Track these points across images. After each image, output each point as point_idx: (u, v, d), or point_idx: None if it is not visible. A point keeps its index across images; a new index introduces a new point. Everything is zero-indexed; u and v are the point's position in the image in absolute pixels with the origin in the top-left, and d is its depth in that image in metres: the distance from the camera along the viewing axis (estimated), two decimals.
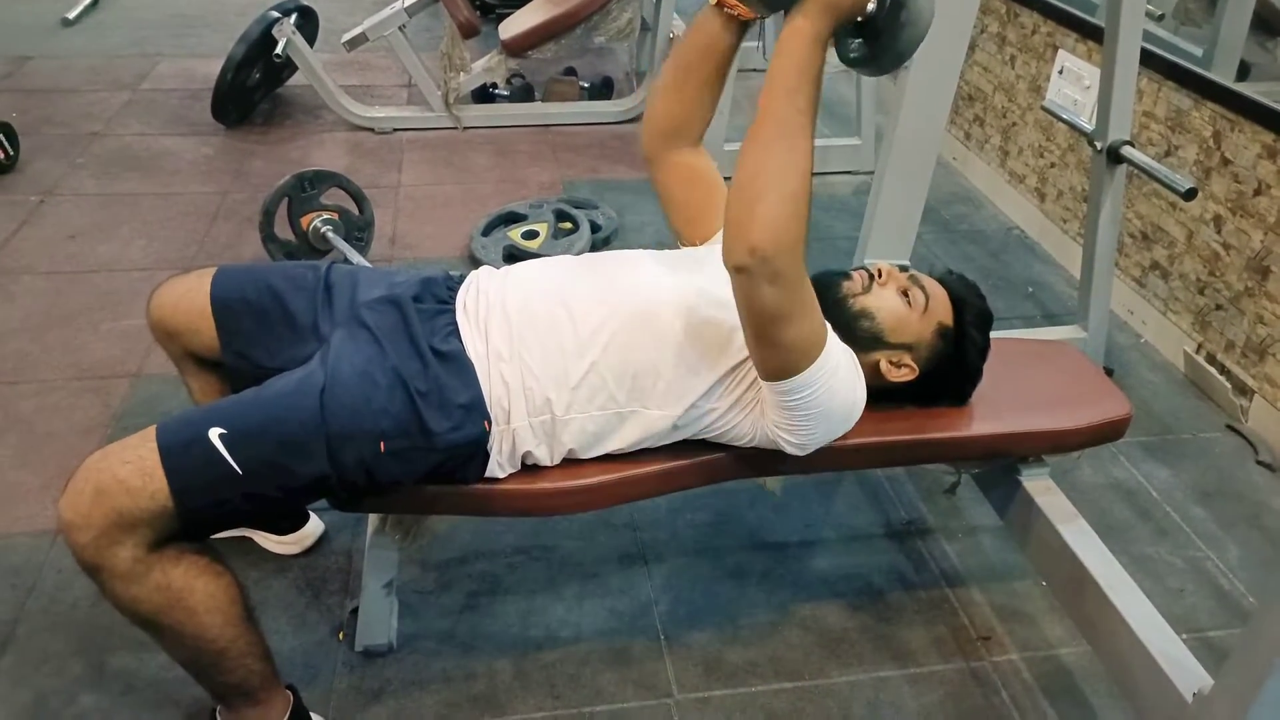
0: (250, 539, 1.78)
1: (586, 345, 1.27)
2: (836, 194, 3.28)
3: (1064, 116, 2.19)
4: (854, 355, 1.31)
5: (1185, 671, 1.32)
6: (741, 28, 1.33)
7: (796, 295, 1.13)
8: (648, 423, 1.31)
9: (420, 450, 1.22)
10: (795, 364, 1.19)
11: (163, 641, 1.23)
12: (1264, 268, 2.19)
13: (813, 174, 1.12)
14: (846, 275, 1.41)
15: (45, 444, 2.02)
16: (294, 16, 3.44)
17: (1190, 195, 1.91)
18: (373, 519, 1.51)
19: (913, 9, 1.14)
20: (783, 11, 1.16)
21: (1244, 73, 2.62)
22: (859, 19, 1.16)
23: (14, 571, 1.72)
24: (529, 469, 1.34)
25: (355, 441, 1.20)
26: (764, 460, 1.38)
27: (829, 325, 1.24)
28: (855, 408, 1.30)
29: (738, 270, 1.10)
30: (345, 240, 2.63)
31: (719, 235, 1.44)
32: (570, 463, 1.35)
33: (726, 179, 1.43)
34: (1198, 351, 2.39)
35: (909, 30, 1.15)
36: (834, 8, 1.10)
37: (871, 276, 1.41)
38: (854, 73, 3.70)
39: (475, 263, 2.73)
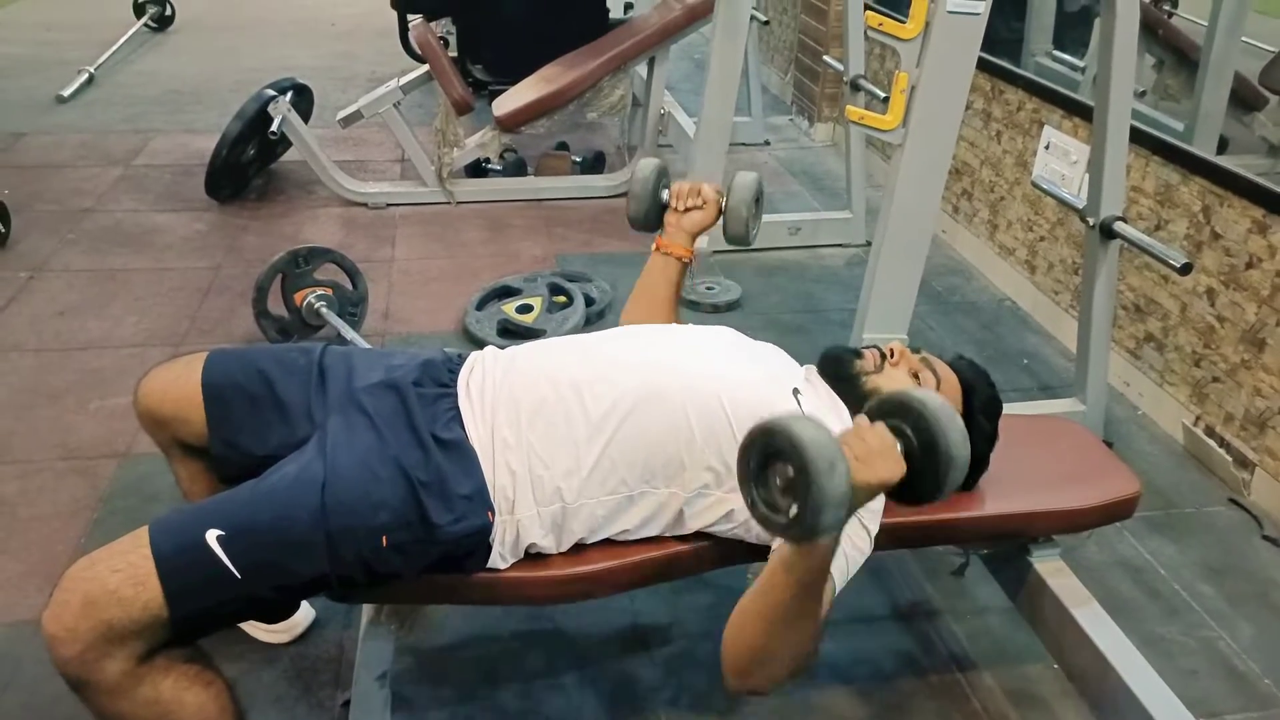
0: (239, 628, 1.72)
1: (598, 430, 1.25)
2: (829, 266, 3.29)
3: (1054, 192, 2.22)
4: (857, 523, 1.27)
5: None
6: (684, 264, 1.63)
7: (799, 657, 1.15)
8: (657, 503, 1.28)
9: (422, 543, 1.19)
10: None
11: None
12: (1260, 340, 2.20)
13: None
14: (859, 353, 1.41)
15: (28, 528, 1.97)
16: (289, 94, 3.48)
17: (1186, 270, 1.92)
18: (368, 608, 1.46)
19: (942, 476, 1.06)
20: None
21: (1222, 147, 2.68)
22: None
23: None
24: (531, 557, 1.30)
25: (356, 537, 1.16)
26: (767, 550, 1.35)
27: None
28: (851, 573, 1.27)
29: (731, 689, 1.16)
30: (339, 315, 2.62)
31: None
32: (573, 550, 1.31)
33: (719, 252, 1.45)
34: (1196, 424, 2.39)
35: (939, 495, 1.09)
36: (854, 511, 1.04)
37: (884, 356, 1.40)
38: (843, 145, 3.75)
39: (470, 336, 2.72)
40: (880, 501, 1.25)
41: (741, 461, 1.02)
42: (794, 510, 0.96)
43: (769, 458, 0.99)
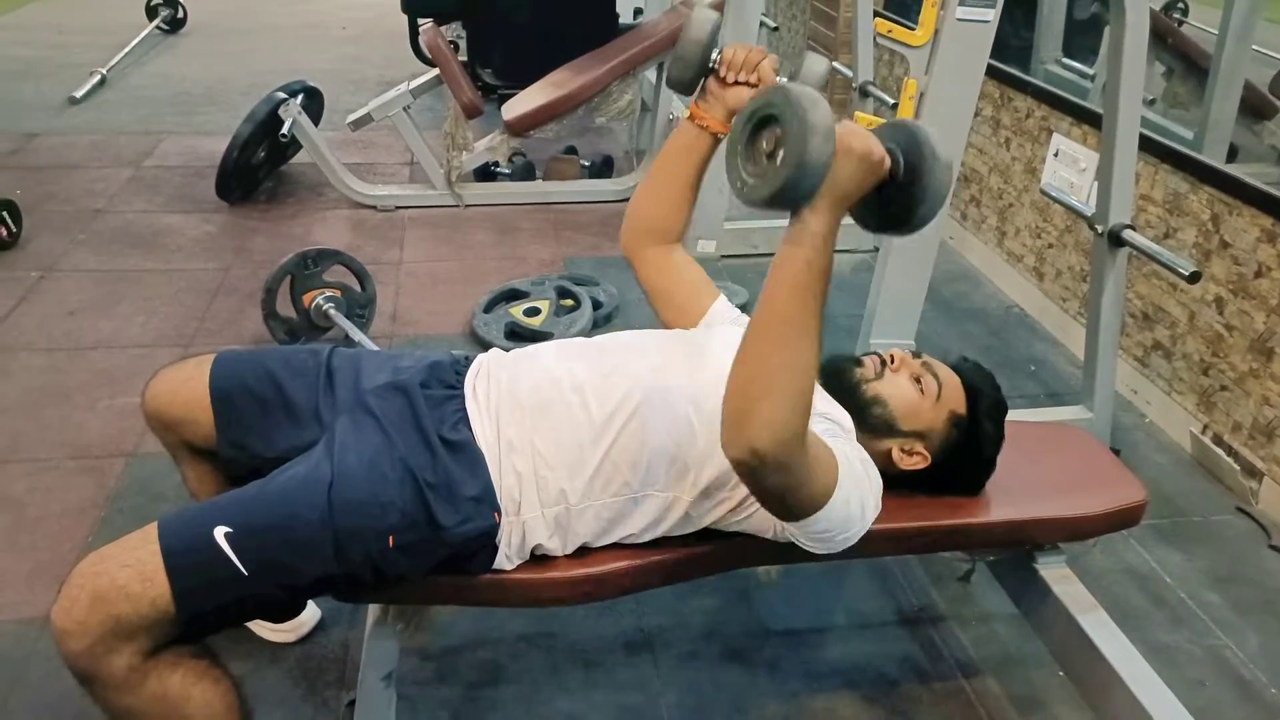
0: (245, 627, 1.73)
1: (601, 432, 1.25)
2: (836, 272, 3.24)
3: (1062, 200, 2.22)
4: (867, 458, 1.27)
5: None
6: (715, 139, 1.44)
7: (802, 468, 1.08)
8: (661, 505, 1.28)
9: (429, 544, 1.19)
10: (808, 510, 1.14)
11: None
12: (1268, 349, 2.19)
13: (816, 368, 1.07)
14: (859, 361, 1.40)
15: (36, 526, 1.98)
16: (300, 97, 3.50)
17: (1194, 279, 1.92)
18: (373, 608, 1.46)
19: (927, 185, 1.09)
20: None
21: (1231, 155, 2.67)
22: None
23: None
24: (537, 558, 1.31)
25: (363, 537, 1.16)
26: (775, 549, 1.35)
27: (840, 435, 1.21)
28: (871, 513, 1.24)
29: (737, 465, 1.05)
30: (347, 317, 2.63)
31: (708, 315, 1.48)
32: (579, 552, 1.31)
33: (727, 257, 1.45)
34: (1204, 432, 2.38)
35: (922, 208, 1.10)
36: (845, 199, 1.05)
37: (884, 362, 1.39)
38: None
39: (477, 339, 2.73)
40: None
41: (730, 151, 1.05)
42: (781, 154, 0.99)
43: (754, 131, 1.03)
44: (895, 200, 1.11)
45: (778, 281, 1.04)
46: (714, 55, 1.40)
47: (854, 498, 1.19)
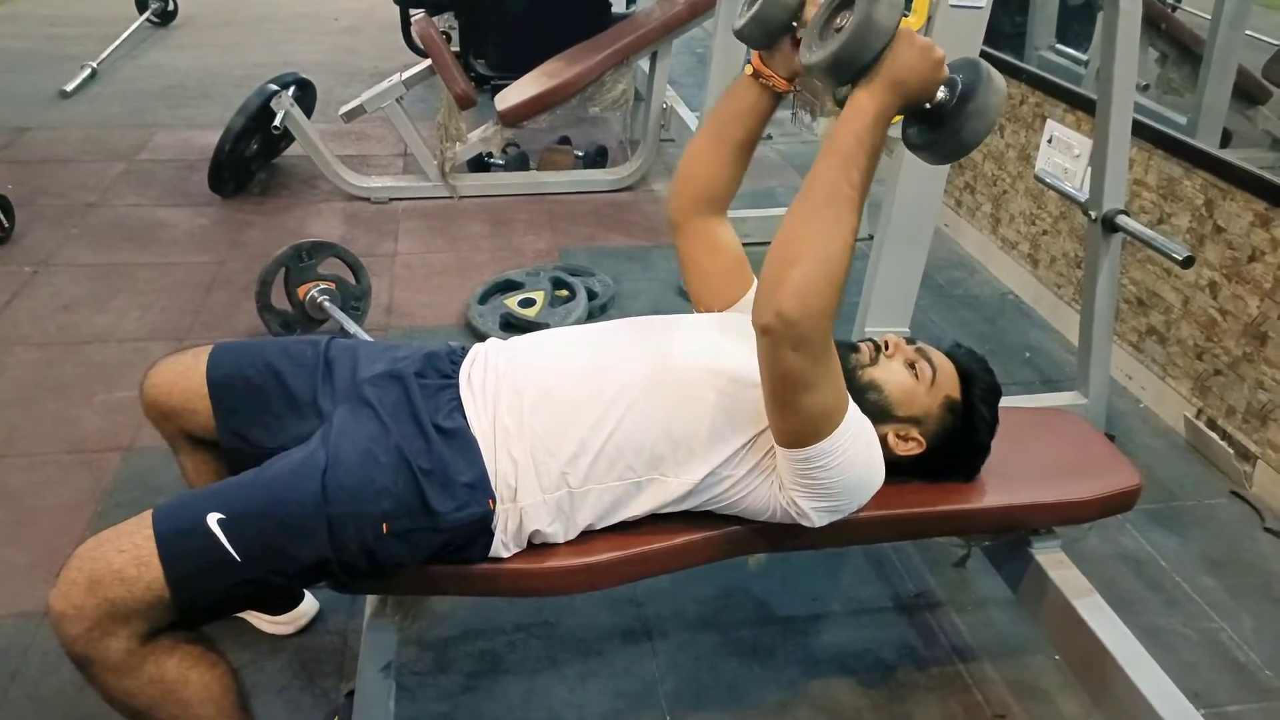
0: (243, 619, 1.73)
1: (604, 416, 1.25)
2: None
3: (1056, 185, 2.22)
4: (871, 431, 1.30)
5: None
6: (776, 97, 1.38)
7: (820, 363, 1.11)
8: (664, 490, 1.29)
9: (424, 531, 1.19)
10: (814, 432, 1.16)
11: None
12: (1262, 333, 2.20)
13: (853, 248, 1.10)
14: (854, 347, 1.40)
15: (33, 520, 1.98)
16: (292, 89, 3.49)
17: (1188, 264, 1.92)
18: (371, 599, 1.47)
19: (981, 102, 1.13)
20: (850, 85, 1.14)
21: (1225, 140, 2.68)
22: (927, 104, 1.16)
23: None
24: (535, 547, 1.31)
25: (357, 523, 1.17)
26: (775, 534, 1.36)
27: (849, 396, 1.23)
28: (873, 478, 1.27)
29: (763, 331, 1.08)
30: (342, 310, 2.62)
31: (738, 303, 1.47)
32: (577, 540, 1.32)
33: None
34: (1198, 417, 2.39)
35: (976, 122, 1.14)
36: (900, 85, 1.10)
37: (879, 348, 1.40)
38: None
39: (472, 331, 2.73)
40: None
41: (808, 37, 1.14)
42: (849, 18, 1.07)
43: (833, 13, 1.12)
44: (948, 117, 1.16)
45: (826, 152, 1.10)
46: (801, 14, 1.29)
47: (859, 444, 1.21)
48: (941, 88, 1.15)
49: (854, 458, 1.21)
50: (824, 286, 1.06)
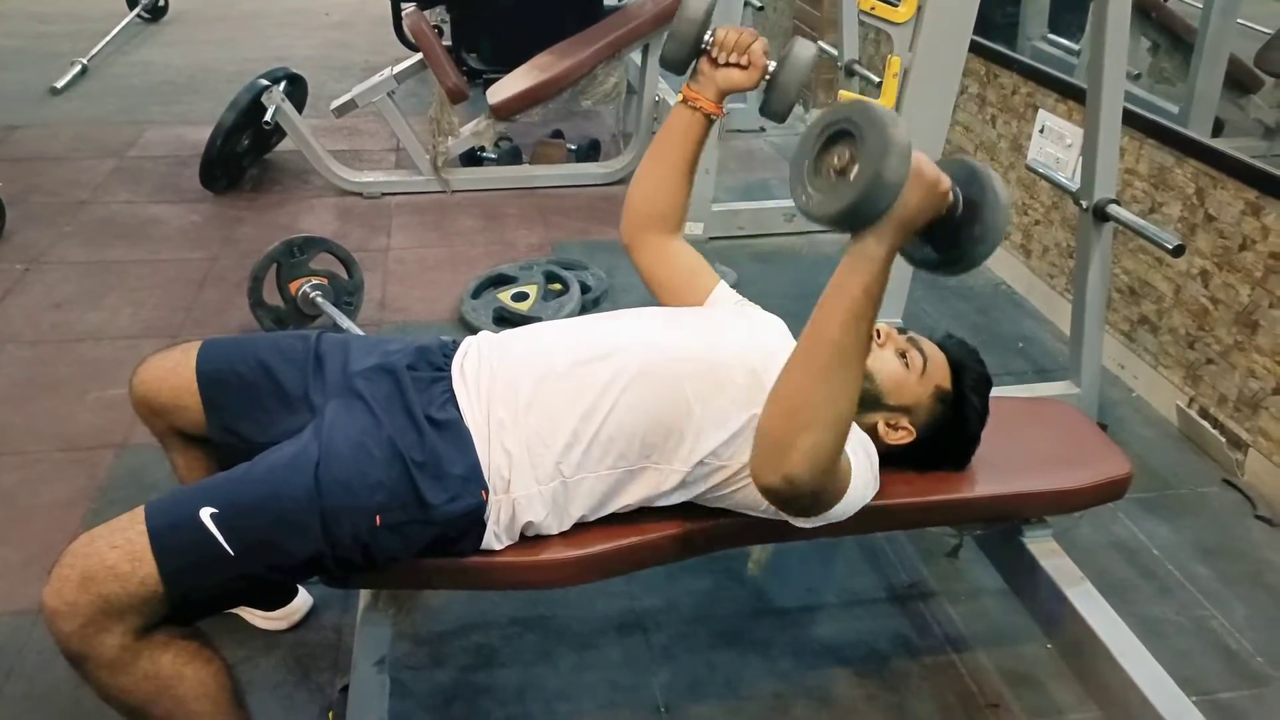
0: (237, 615, 1.73)
1: (595, 405, 1.25)
2: (824, 252, 3.29)
3: (1048, 175, 2.22)
4: (865, 438, 1.30)
5: None
6: (709, 120, 1.46)
7: (830, 494, 1.12)
8: (657, 478, 1.29)
9: (417, 523, 1.20)
10: (819, 512, 1.19)
11: None
12: (1253, 322, 2.20)
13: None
14: None
15: (27, 518, 1.98)
16: (283, 84, 3.48)
17: (1179, 252, 1.92)
18: (365, 594, 1.47)
19: (988, 223, 1.08)
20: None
21: (1217, 129, 2.68)
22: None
23: None
24: (528, 540, 1.31)
25: (351, 516, 1.17)
26: (768, 527, 1.36)
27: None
28: (868, 493, 1.27)
29: (770, 492, 1.05)
30: (334, 305, 2.62)
31: (707, 301, 1.49)
32: (570, 533, 1.32)
33: (715, 239, 1.46)
34: (1190, 405, 2.39)
35: (982, 246, 1.09)
36: (909, 224, 1.04)
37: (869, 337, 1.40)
38: None
39: (466, 325, 2.73)
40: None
41: (796, 167, 1.02)
42: (855, 170, 0.95)
43: (825, 145, 1.00)
44: (951, 237, 1.10)
45: (834, 308, 1.03)
46: (707, 36, 1.41)
47: (858, 485, 1.21)
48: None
49: (854, 499, 1.21)
50: (835, 446, 1.04)
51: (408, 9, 3.98)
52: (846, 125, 0.99)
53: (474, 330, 2.61)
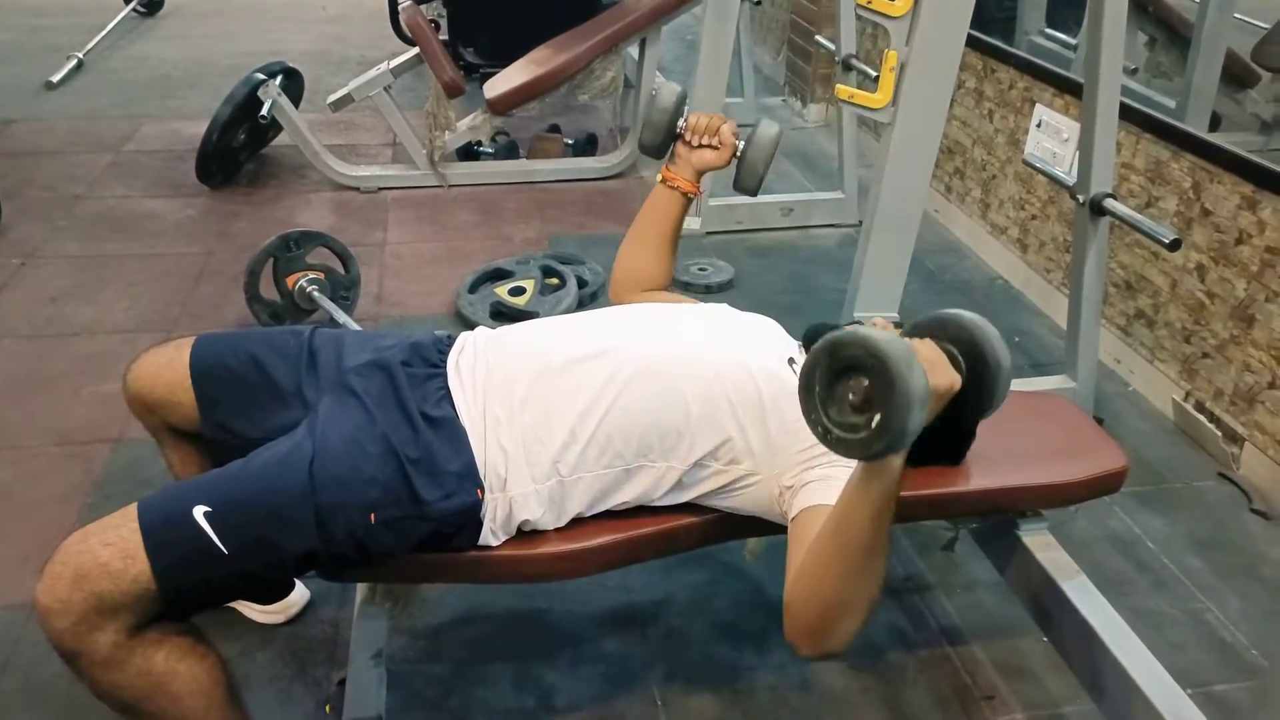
0: (233, 609, 1.73)
1: (593, 404, 1.25)
2: (821, 246, 3.30)
3: (1045, 169, 2.22)
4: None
5: None
6: (687, 199, 1.59)
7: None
8: (654, 478, 1.29)
9: (411, 520, 1.19)
10: None
11: None
12: (1249, 316, 2.21)
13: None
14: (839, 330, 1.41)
15: (23, 513, 1.98)
16: (279, 78, 3.47)
17: (1175, 246, 1.93)
18: (361, 588, 1.47)
19: (989, 393, 1.13)
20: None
21: (1214, 124, 2.68)
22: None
23: None
24: (524, 534, 1.31)
25: (345, 513, 1.16)
26: (765, 521, 1.36)
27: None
28: None
29: (808, 658, 1.16)
30: (331, 299, 2.62)
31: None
32: (567, 527, 1.32)
33: (712, 233, 1.46)
34: (1186, 399, 2.40)
35: (985, 413, 1.16)
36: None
37: None
38: (835, 126, 3.75)
39: (462, 320, 2.72)
40: None
41: (805, 390, 0.99)
42: (876, 419, 0.93)
43: (836, 376, 0.96)
44: (957, 405, 1.10)
45: (859, 515, 1.05)
46: (680, 122, 1.57)
47: None
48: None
49: None
50: (868, 617, 1.09)
51: (404, 3, 3.97)
52: (855, 363, 0.96)
53: (471, 325, 2.62)
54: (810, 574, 1.09)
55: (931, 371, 1.00)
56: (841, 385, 0.96)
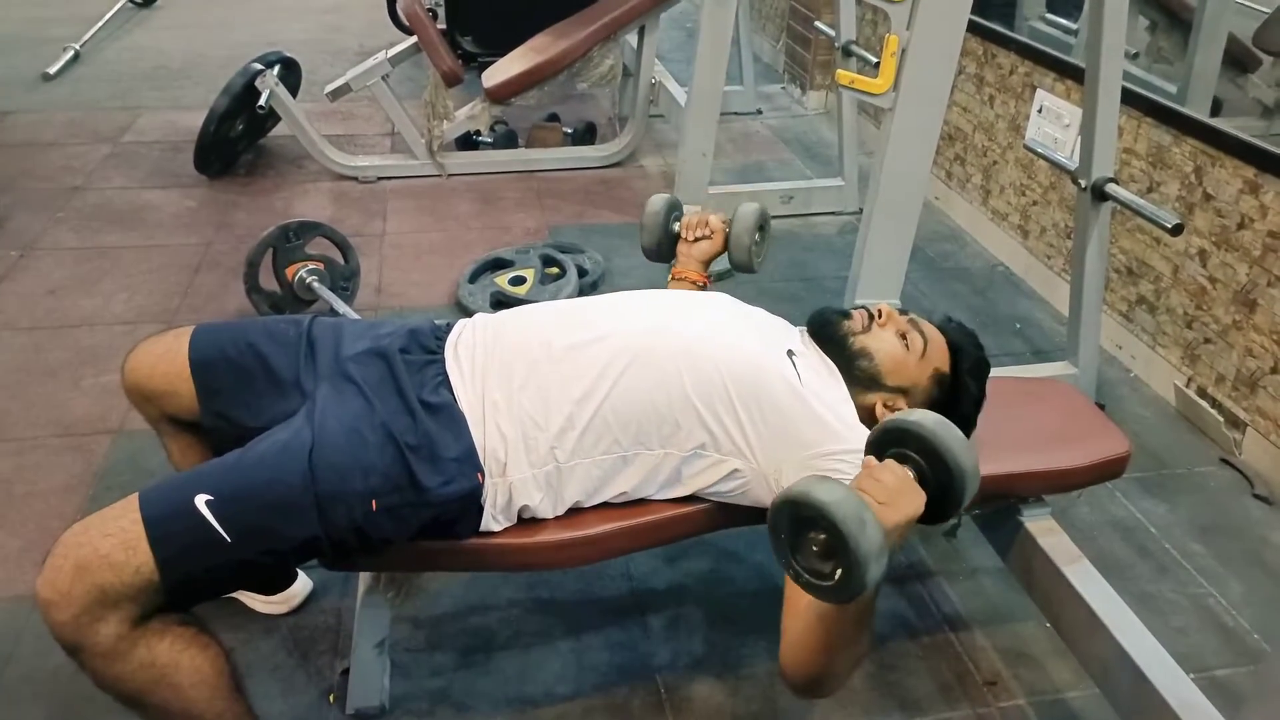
0: (236, 599, 1.73)
1: (591, 390, 1.25)
2: (821, 234, 3.29)
3: (1046, 155, 2.21)
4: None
5: (1197, 713, 1.31)
6: (699, 285, 1.67)
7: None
8: (651, 464, 1.29)
9: (412, 506, 1.19)
10: None
11: (148, 718, 1.18)
12: (1251, 300, 2.20)
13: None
14: (847, 314, 1.41)
15: (24, 504, 1.97)
16: (277, 68, 3.45)
17: (1177, 231, 1.92)
18: (364, 577, 1.47)
19: (959, 501, 1.09)
20: None
21: (1216, 109, 2.66)
22: None
23: None
24: (526, 522, 1.31)
25: (346, 501, 1.16)
26: (765, 511, 1.36)
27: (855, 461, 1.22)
28: None
29: (798, 694, 1.27)
30: (331, 290, 2.61)
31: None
32: (568, 515, 1.32)
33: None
34: (1188, 385, 2.39)
35: (953, 516, 1.13)
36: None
37: (871, 316, 1.40)
38: (835, 113, 3.73)
39: (463, 309, 2.72)
40: None
41: (774, 535, 1.03)
42: (838, 573, 0.98)
43: (800, 525, 1.00)
44: (940, 503, 1.10)
45: (843, 617, 1.10)
46: (674, 226, 1.72)
47: None
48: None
49: None
50: (855, 671, 1.24)
51: None
52: (812, 522, 0.98)
53: (471, 315, 2.61)
54: (800, 647, 1.15)
55: (892, 507, 1.02)
56: (804, 536, 1.00)
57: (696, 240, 1.68)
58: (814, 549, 0.99)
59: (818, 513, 0.96)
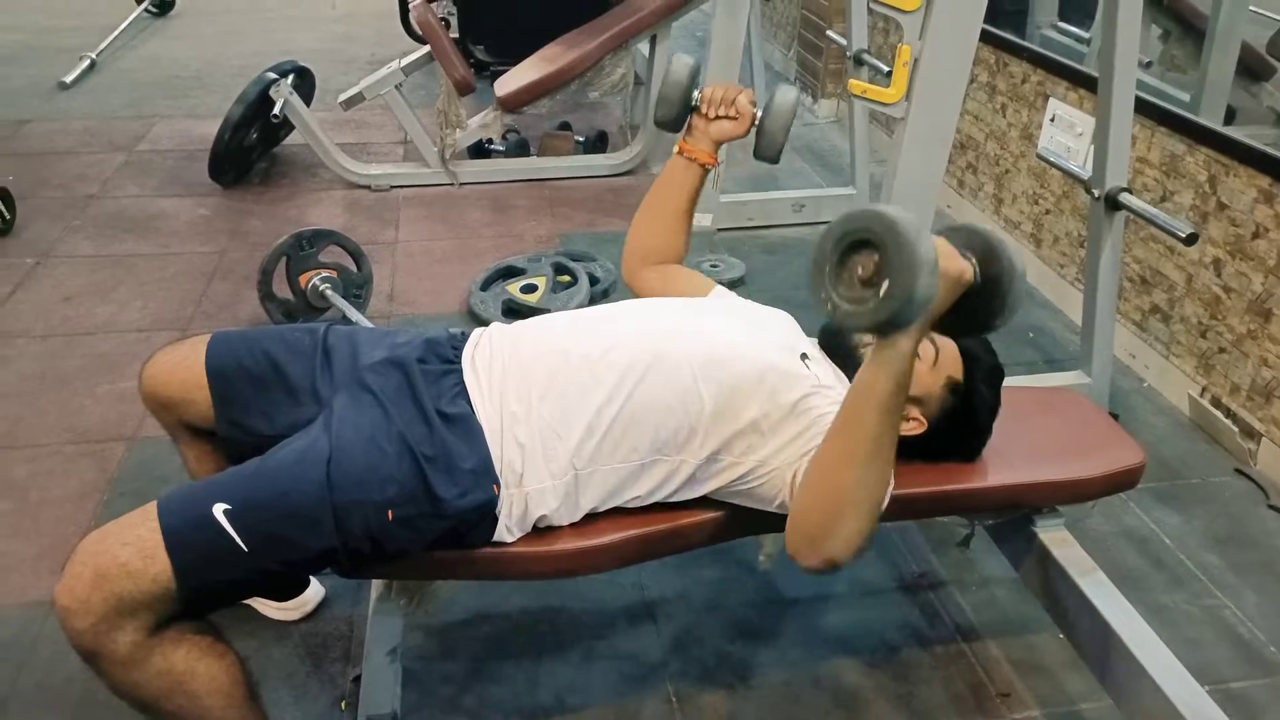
0: (250, 605, 1.74)
1: (609, 398, 1.25)
2: None
3: (1059, 164, 2.21)
4: None
5: None
6: (704, 170, 1.56)
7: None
8: (668, 470, 1.29)
9: (428, 517, 1.20)
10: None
11: None
12: (1266, 310, 2.19)
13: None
14: None
15: (39, 511, 1.99)
16: (291, 77, 3.48)
17: (1191, 241, 1.91)
18: (377, 585, 1.47)
19: (1006, 296, 1.11)
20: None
21: (1229, 117, 2.66)
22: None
23: (5, 646, 1.67)
24: (539, 531, 1.31)
25: (362, 511, 1.17)
26: (779, 518, 1.35)
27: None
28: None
29: (808, 570, 1.12)
30: (344, 298, 2.62)
31: (715, 291, 1.51)
32: (581, 523, 1.32)
33: (723, 230, 1.46)
34: (1202, 395, 2.38)
35: (1001, 319, 1.14)
36: (933, 317, 1.07)
37: None
38: (847, 122, 3.73)
39: (475, 317, 2.73)
40: None
41: (815, 265, 1.00)
42: (884, 286, 0.94)
43: (846, 252, 0.98)
44: (972, 309, 1.11)
45: (866, 403, 1.06)
46: (695, 95, 1.54)
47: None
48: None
49: None
50: (871, 528, 1.09)
51: (415, 1, 3.97)
52: (867, 235, 0.97)
53: (483, 322, 2.61)
54: (815, 473, 1.11)
55: (942, 256, 1.01)
56: (851, 261, 0.98)
57: (718, 118, 1.53)
58: (859, 273, 0.97)
59: (875, 220, 0.95)
